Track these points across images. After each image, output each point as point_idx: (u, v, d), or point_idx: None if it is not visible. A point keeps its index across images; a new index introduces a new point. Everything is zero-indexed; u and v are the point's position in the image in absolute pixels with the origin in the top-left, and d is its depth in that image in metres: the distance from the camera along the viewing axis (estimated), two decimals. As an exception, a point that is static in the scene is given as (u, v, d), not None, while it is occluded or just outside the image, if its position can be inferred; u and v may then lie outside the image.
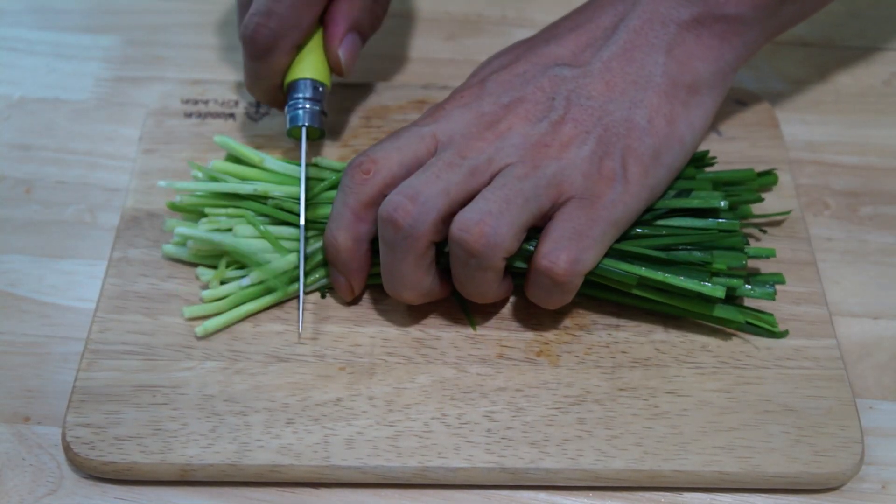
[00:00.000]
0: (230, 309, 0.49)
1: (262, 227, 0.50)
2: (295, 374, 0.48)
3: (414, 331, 0.49)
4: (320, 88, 0.53)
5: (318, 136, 0.54)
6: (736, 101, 0.59)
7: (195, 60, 0.64)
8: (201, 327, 0.49)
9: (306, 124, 0.52)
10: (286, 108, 0.53)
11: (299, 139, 0.52)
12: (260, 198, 0.51)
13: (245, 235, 0.50)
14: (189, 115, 0.58)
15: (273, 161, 0.53)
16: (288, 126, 0.53)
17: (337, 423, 0.46)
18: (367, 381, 0.47)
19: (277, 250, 0.49)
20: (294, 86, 0.53)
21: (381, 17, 0.56)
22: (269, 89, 0.54)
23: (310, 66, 0.53)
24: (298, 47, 0.53)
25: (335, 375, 0.48)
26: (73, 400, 0.46)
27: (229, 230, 0.50)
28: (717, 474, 0.45)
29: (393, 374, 0.48)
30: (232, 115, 0.58)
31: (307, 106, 0.52)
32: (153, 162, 0.56)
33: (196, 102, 0.59)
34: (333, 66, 0.54)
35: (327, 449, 0.45)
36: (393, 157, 0.47)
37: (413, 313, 0.50)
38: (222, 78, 0.62)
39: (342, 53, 0.53)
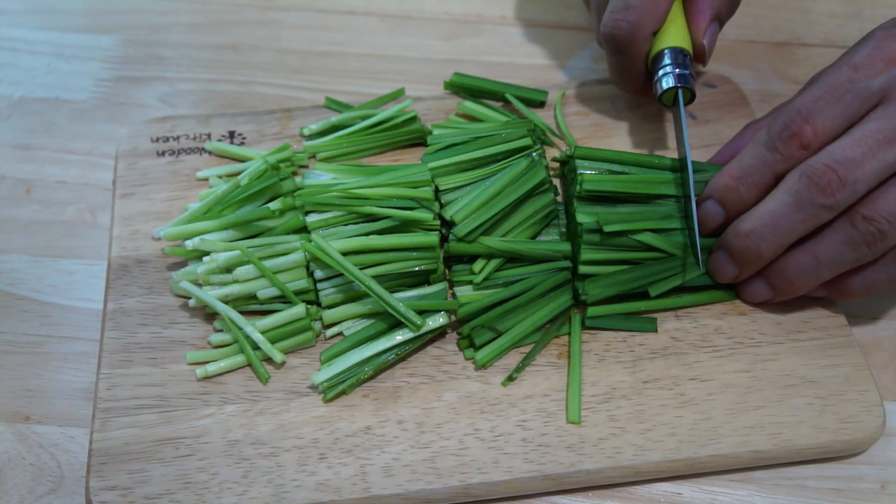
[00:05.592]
0: (234, 355, 0.48)
1: (262, 264, 0.48)
2: (318, 407, 0.47)
3: (431, 348, 0.49)
4: (685, 55, 0.53)
5: (689, 100, 0.53)
6: (705, 85, 0.60)
7: (195, 60, 0.64)
8: (202, 369, 0.47)
9: (680, 85, 0.52)
10: (654, 80, 0.53)
11: (670, 105, 0.53)
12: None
13: (247, 278, 0.49)
14: (161, 154, 0.56)
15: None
16: (659, 91, 0.52)
17: (371, 451, 0.45)
18: (392, 405, 0.47)
19: (280, 289, 0.48)
20: (659, 56, 0.53)
21: (738, 4, 0.56)
22: (635, 78, 0.55)
23: (671, 37, 0.53)
24: (656, 32, 0.53)
25: (359, 404, 0.47)
26: (92, 463, 0.44)
27: (231, 269, 0.49)
28: (752, 454, 0.45)
29: (418, 395, 0.47)
30: (205, 150, 0.57)
31: (676, 70, 0.52)
32: (132, 206, 0.54)
33: (167, 140, 0.57)
34: (697, 55, 0.54)
35: (366, 479, 0.44)
36: (834, 130, 0.46)
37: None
38: (190, 112, 0.60)
39: (707, 42, 0.54)
